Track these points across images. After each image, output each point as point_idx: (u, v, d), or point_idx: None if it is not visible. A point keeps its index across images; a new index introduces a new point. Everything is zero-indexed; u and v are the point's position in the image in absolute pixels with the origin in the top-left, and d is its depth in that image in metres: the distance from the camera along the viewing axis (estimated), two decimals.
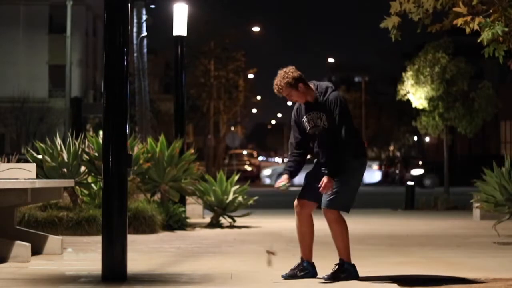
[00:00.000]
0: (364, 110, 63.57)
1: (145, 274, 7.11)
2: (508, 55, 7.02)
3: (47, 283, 6.58)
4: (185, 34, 13.44)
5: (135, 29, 19.92)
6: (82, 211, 11.05)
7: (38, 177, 9.35)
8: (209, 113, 51.91)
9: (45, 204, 11.06)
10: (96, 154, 11.44)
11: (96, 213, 10.82)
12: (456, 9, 6.82)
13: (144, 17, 20.16)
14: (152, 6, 23.76)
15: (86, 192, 11.78)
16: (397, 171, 42.57)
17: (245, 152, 68.26)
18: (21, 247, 7.78)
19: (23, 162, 10.06)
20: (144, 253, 8.87)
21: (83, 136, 11.88)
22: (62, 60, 35.63)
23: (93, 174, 11.64)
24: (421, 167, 38.60)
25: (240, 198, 13.11)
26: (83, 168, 11.64)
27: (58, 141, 11.70)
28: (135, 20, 19.97)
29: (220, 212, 13.07)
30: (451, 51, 18.58)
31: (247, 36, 54.53)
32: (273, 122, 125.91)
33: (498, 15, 6.62)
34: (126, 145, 6.77)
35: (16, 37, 41.57)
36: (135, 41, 19.89)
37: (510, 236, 10.89)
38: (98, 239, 7.58)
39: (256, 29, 51.88)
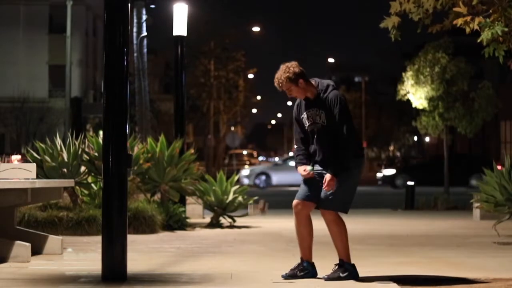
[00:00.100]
0: (364, 110, 63.59)
1: (145, 274, 7.11)
2: (508, 55, 7.02)
3: (47, 283, 6.58)
4: (185, 34, 13.44)
5: (135, 29, 19.93)
6: (82, 211, 11.05)
7: (38, 177, 9.34)
8: (209, 113, 51.91)
9: (45, 204, 11.06)
10: (96, 154, 11.44)
11: (96, 213, 10.82)
12: (456, 9, 6.83)
13: (144, 17, 20.16)
14: (152, 6, 23.78)
15: (86, 192, 11.77)
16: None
17: (245, 152, 68.33)
18: (21, 247, 7.78)
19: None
20: (144, 253, 8.87)
21: (83, 136, 11.88)
22: (62, 60, 35.64)
23: (93, 174, 11.64)
24: (393, 167, 39.31)
25: (240, 198, 13.11)
26: (83, 168, 11.64)
27: (58, 141, 11.70)
28: (135, 20, 19.98)
29: (220, 212, 13.07)
30: (451, 51, 18.56)
31: (247, 36, 54.56)
32: (273, 122, 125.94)
33: (498, 15, 6.62)
34: (126, 145, 6.77)
35: (16, 37, 41.58)
36: (135, 41, 19.89)
37: (510, 236, 10.89)
38: (98, 239, 7.58)
39: (256, 29, 51.89)
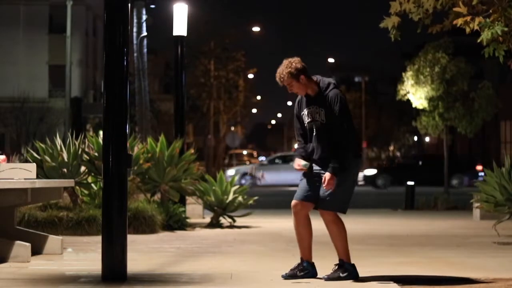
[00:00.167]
0: (364, 110, 63.57)
1: (145, 274, 7.11)
2: (508, 55, 7.02)
3: (47, 283, 6.58)
4: (185, 34, 13.44)
5: (135, 29, 19.93)
6: (82, 211, 11.05)
7: (38, 177, 9.34)
8: (209, 113, 51.91)
9: (45, 204, 11.06)
10: (96, 154, 11.44)
11: (96, 213, 10.82)
12: (456, 9, 6.83)
13: (144, 17, 20.17)
14: (152, 6, 23.80)
15: (86, 192, 11.77)
16: None
17: (245, 152, 68.33)
18: (21, 247, 7.78)
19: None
20: (144, 253, 8.87)
21: (83, 136, 11.88)
22: (62, 60, 35.63)
23: (93, 174, 11.64)
24: (374, 167, 39.48)
25: (240, 198, 13.11)
26: (83, 168, 11.64)
27: (58, 141, 11.69)
28: (135, 20, 19.99)
29: (220, 212, 13.07)
30: (451, 51, 18.56)
31: (247, 36, 54.56)
32: (273, 122, 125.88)
33: (498, 15, 6.62)
34: (126, 145, 6.77)
35: (16, 37, 41.57)
36: (135, 41, 19.90)
37: (510, 236, 10.88)
38: (98, 239, 7.58)
39: (256, 29, 51.89)
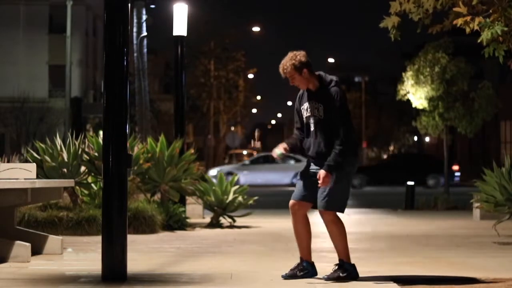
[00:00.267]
0: (364, 110, 63.60)
1: (145, 274, 7.11)
2: (508, 55, 7.02)
3: (47, 283, 6.58)
4: (185, 34, 13.44)
5: (135, 29, 19.95)
6: (82, 211, 11.05)
7: (38, 177, 9.34)
8: (209, 113, 51.95)
9: (45, 204, 11.06)
10: (96, 154, 11.44)
11: (96, 213, 10.82)
12: (456, 9, 6.83)
13: (144, 17, 20.19)
14: (152, 6, 23.82)
15: (86, 192, 11.77)
16: None
17: (245, 152, 68.25)
18: (21, 247, 7.78)
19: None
20: (144, 253, 8.87)
21: (83, 136, 11.88)
22: (62, 60, 35.65)
23: (93, 174, 11.64)
24: None
25: (240, 198, 13.11)
26: (83, 168, 11.64)
27: (58, 141, 11.70)
28: (135, 20, 20.00)
29: (220, 212, 13.07)
30: (451, 51, 18.55)
31: (247, 36, 54.62)
32: (273, 122, 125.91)
33: (498, 15, 6.62)
34: (126, 145, 6.77)
35: (16, 37, 41.58)
36: (135, 41, 19.91)
37: (510, 236, 10.88)
38: (98, 239, 7.58)
39: (256, 29, 51.93)
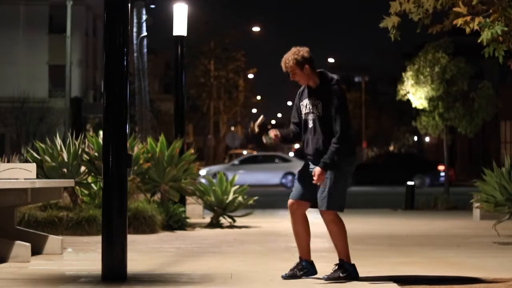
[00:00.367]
0: (364, 110, 63.61)
1: (145, 274, 7.11)
2: (508, 55, 7.02)
3: (47, 283, 6.58)
4: (185, 34, 13.44)
5: (135, 29, 19.93)
6: (82, 211, 11.05)
7: (38, 177, 9.34)
8: (209, 113, 51.98)
9: (45, 204, 11.05)
10: (96, 154, 11.44)
11: (96, 213, 10.81)
12: (456, 9, 6.83)
13: (144, 17, 20.17)
14: (152, 6, 23.80)
15: (86, 192, 11.77)
16: None
17: (245, 152, 68.20)
18: (21, 247, 7.78)
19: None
20: (144, 253, 8.87)
21: (83, 136, 11.88)
22: (62, 60, 35.64)
23: (93, 174, 11.64)
24: None
25: (240, 198, 13.10)
26: (83, 168, 11.64)
27: (58, 141, 11.69)
28: (135, 20, 19.99)
29: (220, 212, 13.06)
30: (451, 51, 18.54)
31: (247, 36, 54.65)
32: (273, 122, 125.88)
33: (498, 15, 6.62)
34: (126, 145, 6.77)
35: (16, 37, 41.57)
36: (135, 41, 19.90)
37: (510, 236, 10.88)
38: (98, 239, 7.58)
39: (256, 29, 51.94)
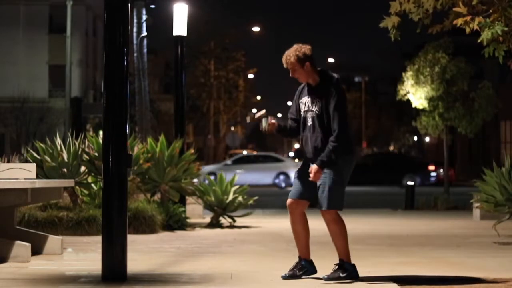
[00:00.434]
0: (364, 110, 63.64)
1: (145, 274, 7.11)
2: (508, 55, 7.02)
3: (47, 283, 6.58)
4: (185, 34, 13.44)
5: (135, 29, 19.92)
6: (82, 211, 11.05)
7: (38, 177, 9.34)
8: (209, 113, 51.98)
9: (45, 204, 11.05)
10: (96, 154, 11.44)
11: (96, 213, 10.81)
12: (456, 9, 6.83)
13: (144, 17, 20.16)
14: (152, 6, 23.79)
15: (86, 192, 11.77)
16: None
17: (245, 152, 68.22)
18: (21, 247, 7.78)
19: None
20: (144, 253, 8.87)
21: (83, 136, 11.88)
22: (62, 60, 35.64)
23: (93, 174, 11.64)
24: None
25: (240, 198, 13.10)
26: (83, 168, 11.64)
27: (58, 141, 11.69)
28: (135, 20, 19.98)
29: (220, 212, 13.07)
30: (451, 51, 18.53)
31: (247, 36, 54.66)
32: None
33: (498, 15, 6.62)
34: (126, 145, 6.77)
35: (16, 37, 41.57)
36: (135, 41, 19.89)
37: (510, 236, 10.88)
38: (98, 239, 7.58)
39: (256, 29, 51.93)
